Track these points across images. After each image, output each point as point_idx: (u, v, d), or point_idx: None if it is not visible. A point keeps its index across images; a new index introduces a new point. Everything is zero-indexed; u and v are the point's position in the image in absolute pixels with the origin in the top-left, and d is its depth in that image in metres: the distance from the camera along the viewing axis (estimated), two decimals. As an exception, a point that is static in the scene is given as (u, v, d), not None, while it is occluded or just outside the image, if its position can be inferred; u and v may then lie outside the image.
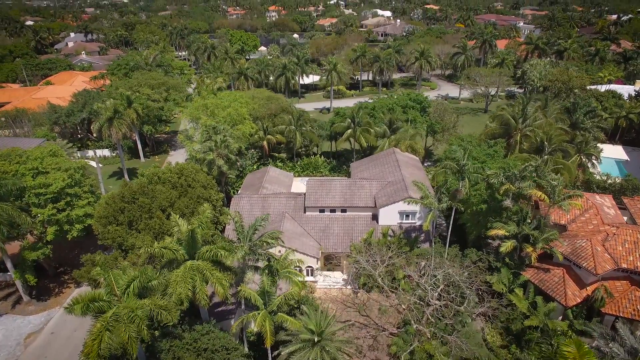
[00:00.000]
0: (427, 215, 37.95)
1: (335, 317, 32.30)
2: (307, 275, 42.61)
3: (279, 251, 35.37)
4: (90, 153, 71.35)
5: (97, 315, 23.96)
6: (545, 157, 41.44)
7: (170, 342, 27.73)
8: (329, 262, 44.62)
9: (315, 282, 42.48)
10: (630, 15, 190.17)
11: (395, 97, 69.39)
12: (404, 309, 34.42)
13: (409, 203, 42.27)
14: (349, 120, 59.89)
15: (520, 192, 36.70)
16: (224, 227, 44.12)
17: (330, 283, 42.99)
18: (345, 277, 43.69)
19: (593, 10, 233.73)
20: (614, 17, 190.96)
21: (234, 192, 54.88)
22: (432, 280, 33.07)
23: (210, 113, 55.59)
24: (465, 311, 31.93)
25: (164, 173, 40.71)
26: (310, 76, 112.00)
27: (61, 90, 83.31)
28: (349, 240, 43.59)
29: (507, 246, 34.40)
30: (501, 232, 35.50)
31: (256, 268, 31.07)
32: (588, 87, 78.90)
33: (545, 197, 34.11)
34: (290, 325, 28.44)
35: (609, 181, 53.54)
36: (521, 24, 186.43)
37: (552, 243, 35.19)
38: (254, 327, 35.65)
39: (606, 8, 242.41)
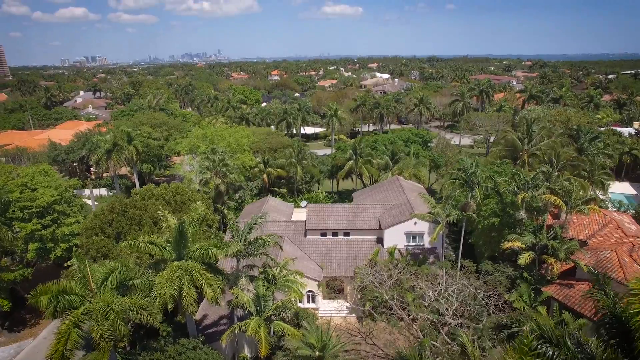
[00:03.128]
0: (435, 229, 35.53)
1: (339, 337, 28.85)
2: (308, 301, 39.09)
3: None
4: (87, 192, 69.97)
5: (67, 314, 20.98)
6: (556, 173, 39.83)
7: (150, 355, 24.21)
8: (332, 283, 41.18)
9: (317, 309, 38.83)
10: (615, 75, 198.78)
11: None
12: (415, 329, 30.81)
13: (415, 223, 40.18)
14: (351, 151, 59.13)
15: (534, 205, 34.63)
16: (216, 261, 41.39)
17: (333, 311, 39.28)
18: (349, 304, 40.09)
19: (580, 73, 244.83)
20: (601, 76, 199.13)
21: (231, 222, 52.56)
22: (445, 293, 29.88)
23: (210, 142, 54.96)
24: (483, 328, 28.42)
25: (159, 190, 38.94)
26: (312, 128, 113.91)
27: (64, 133, 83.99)
28: (352, 264, 40.59)
29: (525, 258, 31.59)
30: (517, 245, 32.84)
31: (252, 278, 28.24)
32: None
33: (561, 202, 31.98)
34: (288, 337, 25.09)
35: (622, 209, 51.52)
36: (515, 82, 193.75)
37: (574, 255, 32.41)
38: (247, 353, 31.96)
39: (592, 70, 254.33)
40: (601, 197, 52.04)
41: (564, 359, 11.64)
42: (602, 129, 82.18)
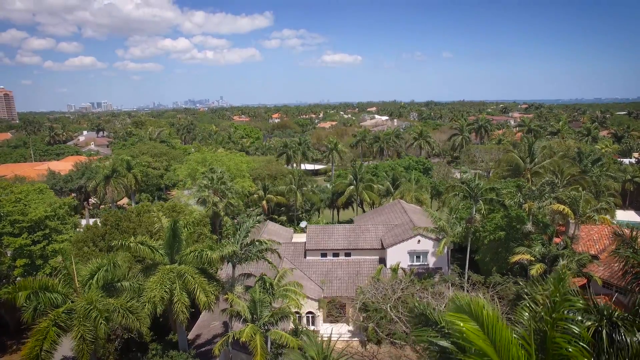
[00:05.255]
0: (440, 242, 34.20)
1: (341, 353, 26.84)
2: (308, 324, 36.94)
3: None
4: (84, 222, 68.72)
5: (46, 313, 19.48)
6: (561, 189, 38.98)
7: (136, 367, 22.31)
8: (333, 301, 39.11)
9: (317, 331, 36.57)
10: (610, 114, 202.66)
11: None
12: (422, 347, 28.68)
13: (419, 241, 38.94)
14: (351, 176, 58.58)
15: (540, 219, 33.54)
16: (216, 271, 39.70)
17: (334, 334, 36.97)
18: (351, 328, 37.88)
19: (576, 113, 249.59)
20: (597, 112, 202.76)
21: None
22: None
23: (209, 165, 54.50)
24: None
25: (155, 207, 37.94)
26: (313, 164, 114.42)
27: (64, 164, 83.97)
28: (354, 284, 38.77)
29: (536, 268, 30.01)
30: (526, 257, 31.38)
31: (248, 288, 26.70)
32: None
33: (570, 211, 30.88)
34: (287, 351, 23.23)
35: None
36: (512, 122, 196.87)
37: (587, 268, 30.87)
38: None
39: (587, 111, 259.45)
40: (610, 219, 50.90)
41: (595, 323, 10.28)
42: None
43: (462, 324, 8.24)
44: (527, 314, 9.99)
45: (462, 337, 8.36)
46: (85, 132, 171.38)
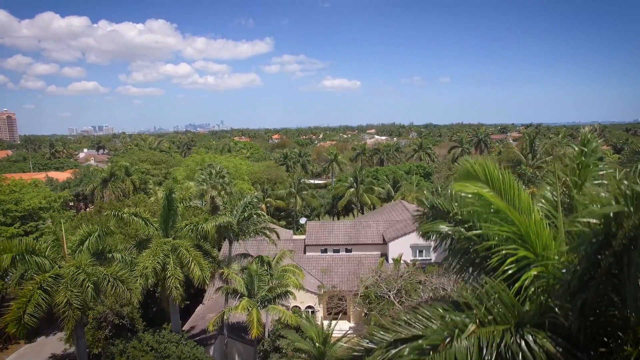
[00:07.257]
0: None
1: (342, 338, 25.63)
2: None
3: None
4: (79, 230, 67.80)
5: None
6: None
7: (124, 344, 21.12)
8: (334, 293, 37.84)
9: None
10: (608, 132, 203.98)
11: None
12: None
13: (419, 236, 37.94)
14: (351, 179, 58.00)
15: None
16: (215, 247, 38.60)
17: (335, 330, 35.57)
18: (352, 325, 36.50)
19: (574, 132, 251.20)
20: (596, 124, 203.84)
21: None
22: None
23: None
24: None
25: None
26: (313, 180, 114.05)
27: (63, 175, 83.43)
28: (355, 278, 37.60)
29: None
30: (533, 244, 30.41)
31: (244, 269, 25.72)
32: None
33: (576, 194, 30.12)
34: (287, 324, 22.17)
35: None
36: (511, 140, 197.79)
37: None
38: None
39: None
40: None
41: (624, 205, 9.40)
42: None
43: (475, 189, 7.48)
44: (549, 188, 9.21)
45: (479, 201, 7.61)
46: (85, 150, 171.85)
